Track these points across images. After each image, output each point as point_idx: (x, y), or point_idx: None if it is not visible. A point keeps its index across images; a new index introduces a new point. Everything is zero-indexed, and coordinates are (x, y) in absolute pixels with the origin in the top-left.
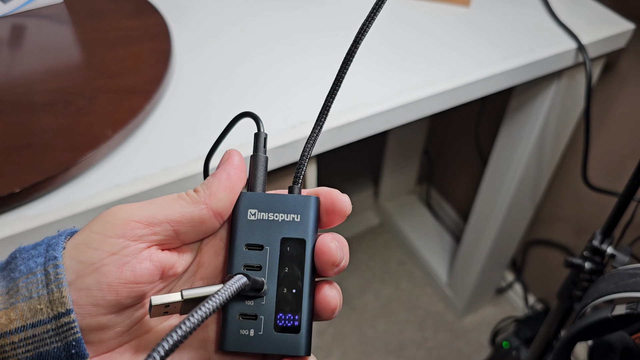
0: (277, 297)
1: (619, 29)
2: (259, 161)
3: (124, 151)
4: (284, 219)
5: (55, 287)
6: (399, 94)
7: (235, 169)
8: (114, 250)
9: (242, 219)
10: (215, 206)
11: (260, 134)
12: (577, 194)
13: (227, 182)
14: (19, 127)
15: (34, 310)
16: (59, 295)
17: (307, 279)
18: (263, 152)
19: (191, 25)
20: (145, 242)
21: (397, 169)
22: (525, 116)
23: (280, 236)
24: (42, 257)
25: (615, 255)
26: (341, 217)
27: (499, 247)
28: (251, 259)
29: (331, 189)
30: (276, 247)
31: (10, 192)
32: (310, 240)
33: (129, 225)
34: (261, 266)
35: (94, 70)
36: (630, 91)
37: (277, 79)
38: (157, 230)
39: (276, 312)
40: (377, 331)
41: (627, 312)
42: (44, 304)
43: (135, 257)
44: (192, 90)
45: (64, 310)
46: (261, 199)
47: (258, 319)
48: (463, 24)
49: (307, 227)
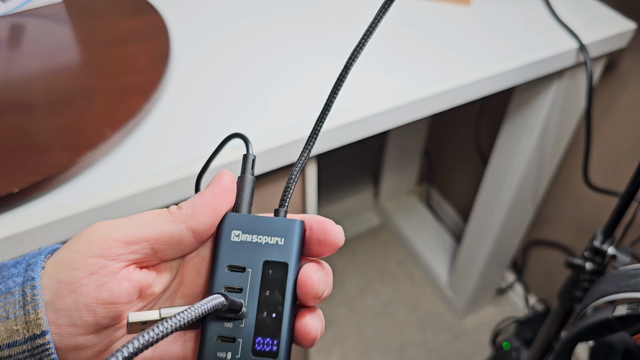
0: (256, 321)
1: (620, 29)
2: (246, 182)
3: (123, 151)
4: (267, 242)
5: (32, 309)
6: (399, 94)
7: (222, 191)
8: (92, 270)
9: (226, 239)
10: (196, 226)
11: (248, 156)
12: (578, 194)
13: (212, 205)
14: (17, 127)
15: (10, 331)
16: (35, 317)
17: (287, 303)
18: (251, 173)
19: (190, 25)
20: (123, 262)
21: (397, 169)
22: (526, 116)
23: (263, 259)
24: (20, 277)
25: (616, 255)
26: (332, 249)
27: (499, 248)
28: (232, 280)
29: (325, 219)
30: (258, 269)
31: (9, 192)
32: (293, 264)
33: (107, 244)
34: (242, 288)
35: (93, 70)
36: (632, 91)
37: (276, 79)
38: (135, 248)
39: (255, 336)
40: (377, 332)
41: (628, 313)
42: (20, 325)
43: (113, 277)
44: (191, 91)
45: (39, 332)
46: (246, 220)
47: (236, 341)
48: (463, 24)
49: (291, 251)
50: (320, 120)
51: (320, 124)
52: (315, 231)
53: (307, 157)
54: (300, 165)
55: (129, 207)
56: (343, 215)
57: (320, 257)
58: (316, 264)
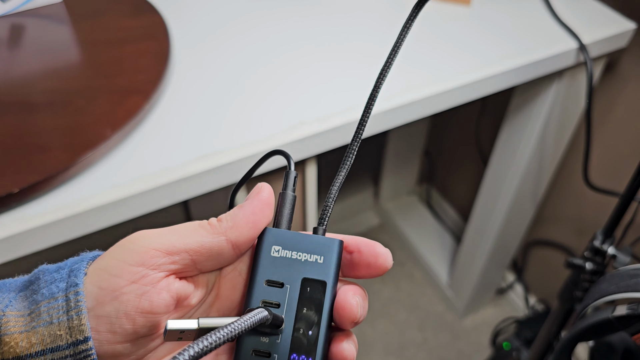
0: (292, 337)
1: (621, 29)
2: (287, 199)
3: (123, 151)
4: (307, 259)
5: (75, 315)
6: (399, 94)
7: (262, 205)
8: (133, 278)
9: (265, 254)
10: (235, 239)
11: (290, 173)
12: (578, 194)
13: (252, 217)
14: (17, 127)
15: (53, 336)
16: (78, 323)
17: (324, 323)
18: (292, 190)
19: (190, 24)
20: (164, 271)
21: (397, 169)
22: (526, 116)
23: (302, 276)
24: (64, 282)
25: (616, 255)
26: (382, 272)
27: (499, 248)
28: (271, 295)
29: (373, 242)
30: (297, 286)
31: (8, 192)
32: (331, 283)
33: (149, 254)
34: (280, 304)
35: (93, 70)
36: (632, 91)
37: (277, 79)
38: (176, 259)
39: (290, 352)
40: (377, 332)
41: (628, 313)
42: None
43: (153, 287)
44: (191, 90)
45: (82, 338)
46: (286, 236)
47: (271, 357)
48: (463, 24)
49: (330, 270)
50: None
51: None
52: (365, 254)
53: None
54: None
55: (129, 207)
56: (343, 215)
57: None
58: (355, 287)
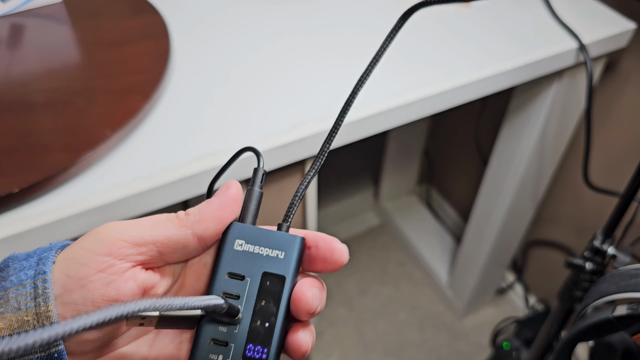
0: (249, 328)
1: (620, 29)
2: (254, 195)
3: (123, 151)
4: (268, 254)
5: (43, 301)
6: (399, 94)
7: (229, 201)
8: (101, 267)
9: (229, 247)
10: (202, 233)
11: (259, 170)
12: (578, 194)
13: (218, 212)
14: (17, 127)
15: (21, 321)
16: (45, 309)
17: (281, 315)
18: (259, 187)
19: (190, 25)
20: (131, 262)
21: (397, 169)
22: (526, 116)
23: (262, 270)
24: (32, 270)
25: (616, 255)
26: (337, 267)
27: (499, 248)
28: (231, 287)
29: (330, 237)
30: (257, 279)
31: (8, 193)
32: (290, 278)
33: (117, 244)
34: (239, 295)
35: (93, 70)
36: (632, 91)
37: (277, 79)
38: (143, 250)
39: (247, 342)
40: (377, 332)
41: (628, 313)
42: (30, 316)
43: (120, 276)
44: (191, 90)
45: (48, 324)
46: (250, 231)
47: (228, 345)
48: (463, 24)
49: (289, 265)
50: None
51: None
52: (322, 249)
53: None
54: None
55: (128, 207)
56: (343, 215)
57: (323, 273)
58: (312, 280)
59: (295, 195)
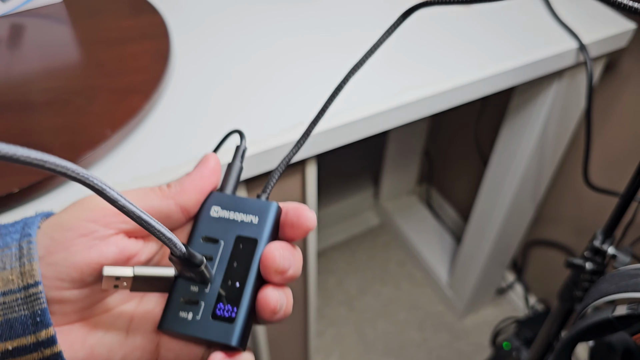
0: (220, 288)
1: (620, 29)
2: (234, 168)
3: (123, 151)
4: (243, 220)
5: (27, 261)
6: (399, 94)
7: (209, 172)
8: (84, 232)
9: (205, 214)
10: (184, 203)
11: (240, 147)
12: (578, 194)
13: (199, 183)
14: (17, 126)
15: (6, 280)
16: (30, 268)
17: (252, 276)
18: (239, 161)
19: (190, 24)
20: (114, 229)
21: (397, 169)
22: (526, 116)
23: (236, 234)
24: (18, 234)
25: (616, 255)
26: (304, 232)
27: (499, 248)
28: (205, 249)
29: (300, 204)
30: (230, 243)
31: (8, 192)
32: (263, 242)
33: (102, 212)
34: (212, 257)
35: (93, 70)
36: (632, 91)
37: (276, 79)
38: (127, 219)
39: (217, 302)
40: (377, 332)
41: (628, 313)
42: (15, 275)
43: (103, 241)
44: (191, 90)
45: (32, 282)
46: (227, 199)
47: (199, 304)
48: (463, 24)
49: (262, 230)
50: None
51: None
52: (290, 215)
53: (294, 152)
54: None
55: None
56: (343, 215)
57: (294, 240)
58: (283, 243)
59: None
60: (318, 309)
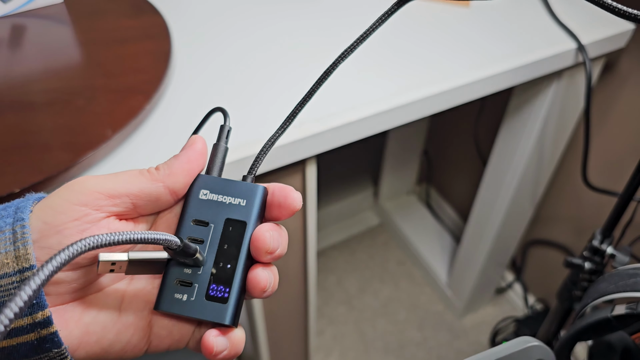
0: (213, 270)
1: (619, 29)
2: (219, 150)
3: (124, 151)
4: (231, 202)
5: (22, 245)
6: (399, 94)
7: (196, 154)
8: (76, 216)
9: (194, 197)
10: (172, 185)
11: (224, 127)
12: (577, 194)
13: (187, 166)
14: (18, 126)
15: (1, 264)
16: (24, 252)
17: (242, 257)
18: (225, 142)
19: (191, 25)
20: (105, 212)
21: (397, 169)
22: (525, 116)
23: (225, 216)
24: (11, 218)
25: (615, 255)
26: (290, 212)
27: (498, 247)
28: (196, 232)
29: (286, 186)
30: (220, 225)
31: (9, 192)
32: (252, 224)
33: (93, 196)
34: (203, 240)
35: (94, 70)
36: (630, 91)
37: (277, 79)
38: (117, 202)
39: (209, 283)
40: (377, 331)
41: (627, 312)
42: (10, 259)
43: (94, 225)
44: (192, 90)
45: (27, 266)
46: (215, 182)
47: (193, 286)
48: (463, 24)
49: (250, 212)
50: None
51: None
52: (277, 195)
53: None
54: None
55: None
56: (343, 214)
57: (280, 220)
58: (272, 224)
59: (262, 149)
60: (318, 308)
